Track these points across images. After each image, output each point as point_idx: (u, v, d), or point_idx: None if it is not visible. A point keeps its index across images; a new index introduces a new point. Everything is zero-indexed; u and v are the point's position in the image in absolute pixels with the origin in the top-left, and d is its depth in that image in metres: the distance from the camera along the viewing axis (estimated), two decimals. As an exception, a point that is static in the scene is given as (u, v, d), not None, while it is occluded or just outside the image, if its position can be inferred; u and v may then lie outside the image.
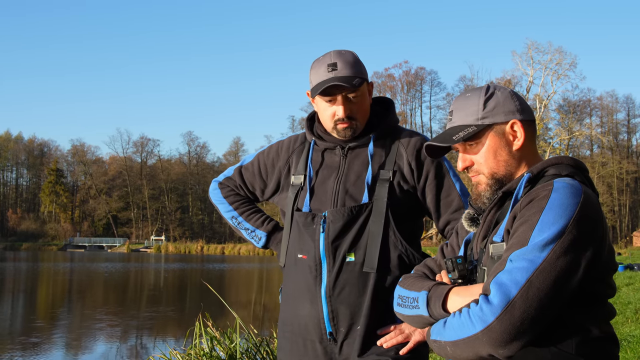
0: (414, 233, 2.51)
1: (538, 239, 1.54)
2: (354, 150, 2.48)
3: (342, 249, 2.37)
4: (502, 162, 1.80)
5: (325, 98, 2.41)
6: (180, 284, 28.62)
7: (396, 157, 2.46)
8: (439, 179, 2.46)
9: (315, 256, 2.40)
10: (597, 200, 1.66)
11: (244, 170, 2.75)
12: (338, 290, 2.36)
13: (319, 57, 2.45)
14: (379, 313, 2.34)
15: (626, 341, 7.57)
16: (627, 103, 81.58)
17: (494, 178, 1.81)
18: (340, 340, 2.37)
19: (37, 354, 10.84)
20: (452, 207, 2.45)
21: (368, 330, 2.34)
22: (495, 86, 1.86)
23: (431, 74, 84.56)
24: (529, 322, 1.49)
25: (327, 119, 2.45)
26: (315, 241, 2.40)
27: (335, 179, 2.46)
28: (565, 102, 67.48)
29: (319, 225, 2.40)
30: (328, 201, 2.43)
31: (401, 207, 2.42)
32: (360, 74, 2.40)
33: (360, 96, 2.42)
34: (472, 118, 1.81)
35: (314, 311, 2.40)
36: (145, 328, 14.20)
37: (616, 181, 73.92)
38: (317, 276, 2.39)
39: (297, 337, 2.46)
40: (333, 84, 2.34)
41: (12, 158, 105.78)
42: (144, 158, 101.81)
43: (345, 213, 2.38)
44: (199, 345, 5.49)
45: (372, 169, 2.43)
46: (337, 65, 2.37)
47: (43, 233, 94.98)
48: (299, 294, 2.46)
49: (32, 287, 25.46)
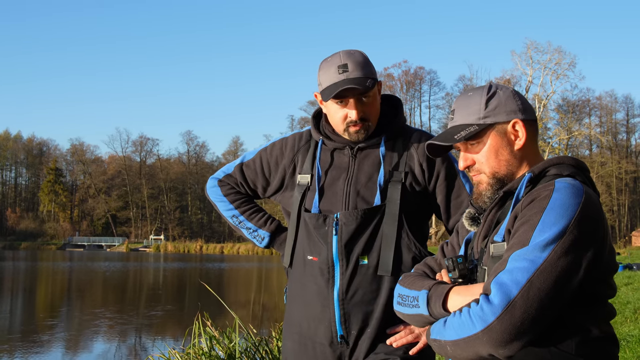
0: (424, 234, 2.49)
1: (539, 239, 1.54)
2: (364, 150, 2.45)
3: (355, 252, 2.34)
4: (503, 162, 1.80)
5: (337, 100, 2.36)
6: (179, 283, 28.61)
7: (407, 159, 2.43)
8: (450, 180, 2.44)
9: (327, 258, 2.36)
10: (598, 200, 1.66)
11: (245, 167, 2.69)
12: (351, 294, 2.33)
13: (328, 58, 2.40)
14: (390, 316, 2.29)
15: (625, 341, 7.57)
16: (626, 103, 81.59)
17: (495, 177, 1.81)
18: (351, 343, 2.35)
19: (35, 353, 10.83)
20: (462, 208, 2.42)
21: (379, 333, 2.33)
22: (497, 85, 1.86)
23: (430, 73, 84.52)
24: (530, 322, 1.49)
25: (339, 121, 2.40)
26: (328, 243, 2.37)
27: (345, 180, 2.42)
28: (564, 101, 67.59)
29: (332, 227, 2.37)
30: (338, 202, 2.40)
31: (413, 209, 2.40)
32: (371, 74, 2.36)
33: (372, 97, 2.38)
34: (473, 117, 1.81)
35: (326, 314, 2.36)
36: (144, 327, 14.19)
37: (615, 181, 73.94)
38: (330, 279, 2.36)
39: (306, 339, 2.43)
40: (346, 87, 2.29)
41: (11, 157, 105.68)
42: (143, 157, 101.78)
43: (359, 215, 2.34)
44: (198, 345, 5.48)
45: (384, 170, 2.40)
46: (348, 66, 2.33)
47: (42, 232, 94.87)
48: (308, 296, 2.42)
49: (31, 287, 25.44)
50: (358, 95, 2.34)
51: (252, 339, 5.58)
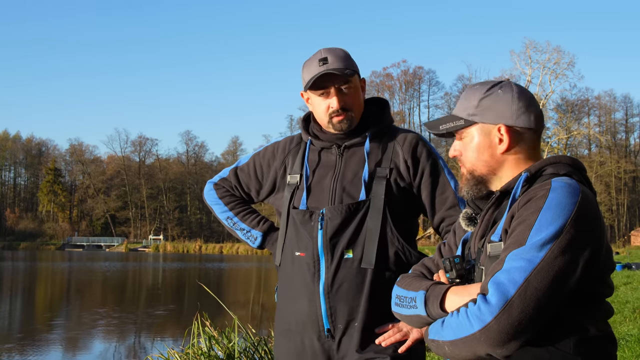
0: (411, 231, 2.52)
1: (536, 239, 1.54)
2: (350, 149, 2.50)
3: (340, 245, 2.38)
4: (482, 162, 1.80)
5: (318, 92, 2.43)
6: (178, 283, 28.61)
7: (392, 155, 2.47)
8: (434, 176, 2.48)
9: (313, 253, 2.41)
10: (595, 199, 1.66)
11: (240, 171, 2.76)
12: (336, 287, 2.37)
13: (310, 56, 2.48)
14: (376, 309, 2.35)
15: (624, 340, 7.57)
16: (625, 102, 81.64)
17: (471, 174, 1.82)
18: (338, 337, 2.38)
19: (34, 353, 10.83)
20: (447, 204, 2.47)
21: (366, 327, 2.35)
22: (505, 85, 1.83)
23: (429, 73, 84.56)
24: (527, 322, 1.49)
25: (322, 113, 2.46)
26: (313, 238, 2.41)
27: (332, 177, 2.47)
28: (563, 101, 67.56)
29: (317, 223, 2.41)
30: (325, 199, 2.45)
31: (398, 204, 2.44)
32: (351, 67, 2.42)
33: (353, 88, 2.45)
34: (465, 112, 1.82)
35: (312, 308, 2.40)
36: (143, 327, 14.19)
37: (614, 180, 74.00)
38: (315, 273, 2.40)
39: (295, 334, 2.46)
40: (324, 72, 2.37)
41: (10, 157, 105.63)
42: (142, 157, 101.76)
43: (343, 210, 2.39)
44: (197, 345, 5.49)
45: (369, 166, 2.44)
46: (328, 59, 2.40)
47: (41, 232, 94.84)
48: (296, 291, 2.46)
49: (30, 287, 25.43)
50: (338, 85, 2.41)
51: (251, 339, 5.58)
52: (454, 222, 2.44)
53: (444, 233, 2.49)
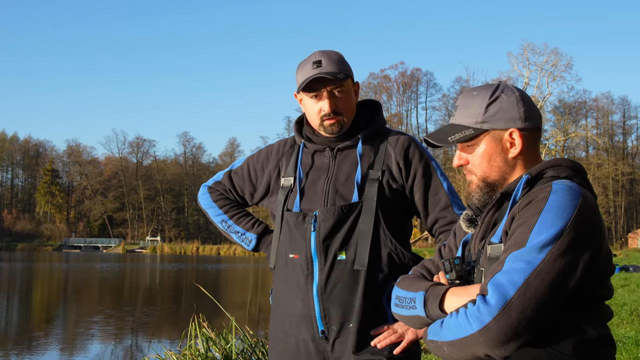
0: (404, 233, 2.53)
1: (536, 241, 1.54)
2: (343, 151, 2.51)
3: (333, 247, 2.39)
4: (495, 168, 1.80)
5: (311, 94, 2.45)
6: (175, 284, 28.57)
7: (385, 157, 2.48)
8: (427, 178, 2.49)
9: (306, 255, 2.41)
10: (595, 202, 1.66)
11: (234, 174, 2.77)
12: (330, 289, 2.38)
13: (304, 59, 2.49)
14: (370, 311, 2.36)
15: (621, 342, 7.58)
16: (623, 104, 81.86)
17: (484, 181, 1.81)
18: (332, 339, 2.39)
19: (32, 354, 10.82)
20: (440, 205, 2.48)
21: (361, 328, 2.35)
22: (505, 88, 1.83)
23: (427, 75, 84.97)
24: (526, 323, 1.49)
25: (314, 115, 2.48)
26: (306, 240, 2.42)
27: (325, 180, 2.48)
28: (560, 103, 67.68)
29: (310, 225, 2.42)
30: (318, 201, 2.46)
31: (391, 206, 2.45)
32: (344, 70, 2.44)
33: (346, 92, 2.46)
34: (471, 120, 1.80)
35: (306, 310, 2.41)
36: (140, 329, 14.18)
37: (611, 183, 74.16)
38: (309, 275, 2.41)
39: (289, 336, 2.47)
40: (317, 76, 2.38)
41: (8, 158, 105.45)
42: (140, 158, 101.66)
43: (336, 212, 2.40)
44: (194, 346, 5.48)
45: (362, 168, 2.45)
46: (322, 62, 2.42)
47: (38, 233, 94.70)
48: (290, 293, 2.47)
49: (27, 288, 25.39)
50: (331, 89, 2.42)
51: (249, 340, 5.59)
52: (447, 223, 2.46)
53: (438, 234, 2.50)
